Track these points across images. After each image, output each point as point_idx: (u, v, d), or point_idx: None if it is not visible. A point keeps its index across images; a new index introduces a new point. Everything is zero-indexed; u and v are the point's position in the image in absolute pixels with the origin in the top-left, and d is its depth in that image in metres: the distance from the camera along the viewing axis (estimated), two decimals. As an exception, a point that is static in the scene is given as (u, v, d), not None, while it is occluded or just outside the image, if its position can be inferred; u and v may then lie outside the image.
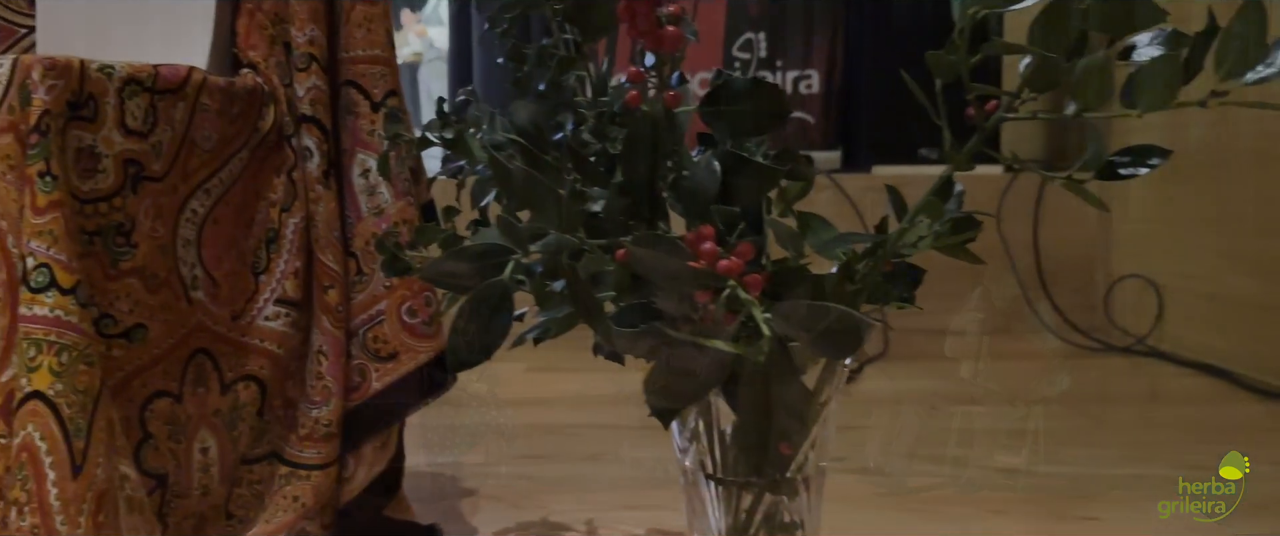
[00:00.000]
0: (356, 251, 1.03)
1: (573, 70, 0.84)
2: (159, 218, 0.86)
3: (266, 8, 0.99)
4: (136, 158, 0.83)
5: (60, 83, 0.77)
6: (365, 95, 1.02)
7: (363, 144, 1.02)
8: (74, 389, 0.74)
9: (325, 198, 0.99)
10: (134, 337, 0.84)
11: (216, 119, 0.91)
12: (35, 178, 0.75)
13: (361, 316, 1.03)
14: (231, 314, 0.95)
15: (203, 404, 0.93)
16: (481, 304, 0.59)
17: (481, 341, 0.60)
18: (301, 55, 0.98)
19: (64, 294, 0.74)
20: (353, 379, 1.04)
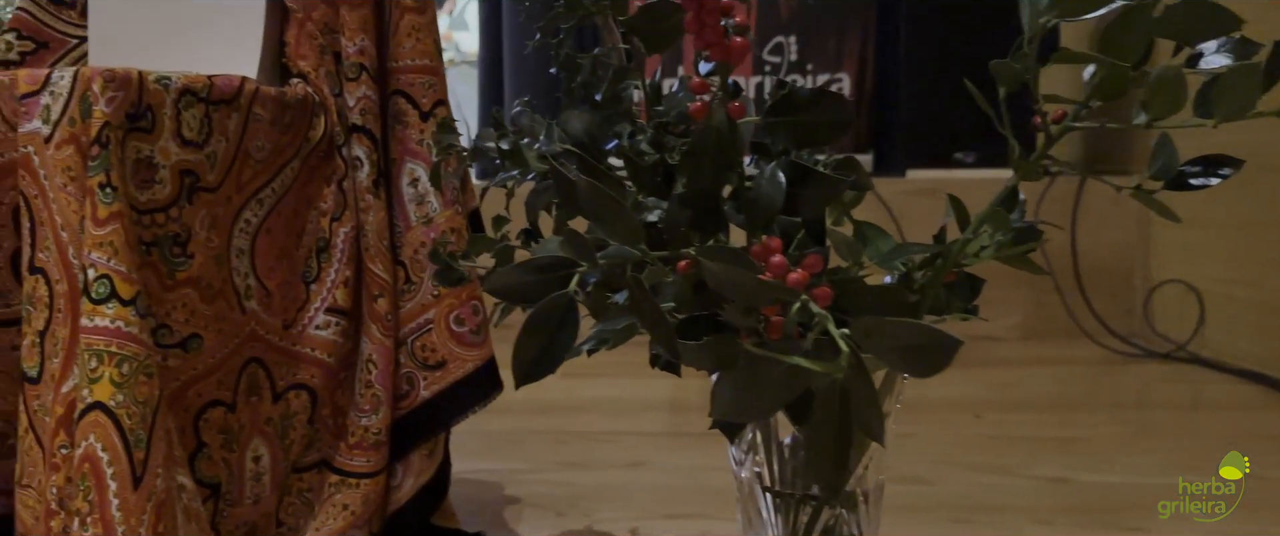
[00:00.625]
0: (405, 260, 1.03)
1: (628, 79, 0.84)
2: (214, 228, 0.86)
3: (316, 17, 0.99)
4: (192, 168, 0.83)
5: (120, 94, 0.77)
6: (414, 104, 1.02)
7: (412, 153, 1.03)
8: (134, 400, 0.74)
9: (375, 207, 0.99)
10: (189, 347, 0.84)
11: (269, 129, 0.92)
12: (96, 189, 0.75)
13: (410, 325, 1.03)
14: (283, 323, 0.96)
15: (255, 413, 0.93)
16: (546, 317, 0.59)
17: (547, 355, 0.60)
18: (351, 65, 0.98)
19: (124, 305, 0.75)
20: (401, 387, 1.04)
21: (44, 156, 0.78)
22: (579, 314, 0.61)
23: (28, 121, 0.78)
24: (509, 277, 0.63)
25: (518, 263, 0.63)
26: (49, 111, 0.78)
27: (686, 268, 0.62)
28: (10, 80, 0.79)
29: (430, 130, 1.03)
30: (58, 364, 0.77)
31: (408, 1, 1.01)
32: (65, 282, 0.77)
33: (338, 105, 0.99)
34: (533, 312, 0.60)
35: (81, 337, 0.74)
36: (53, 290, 0.78)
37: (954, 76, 2.79)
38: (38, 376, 0.78)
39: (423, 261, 1.03)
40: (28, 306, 0.79)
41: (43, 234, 0.78)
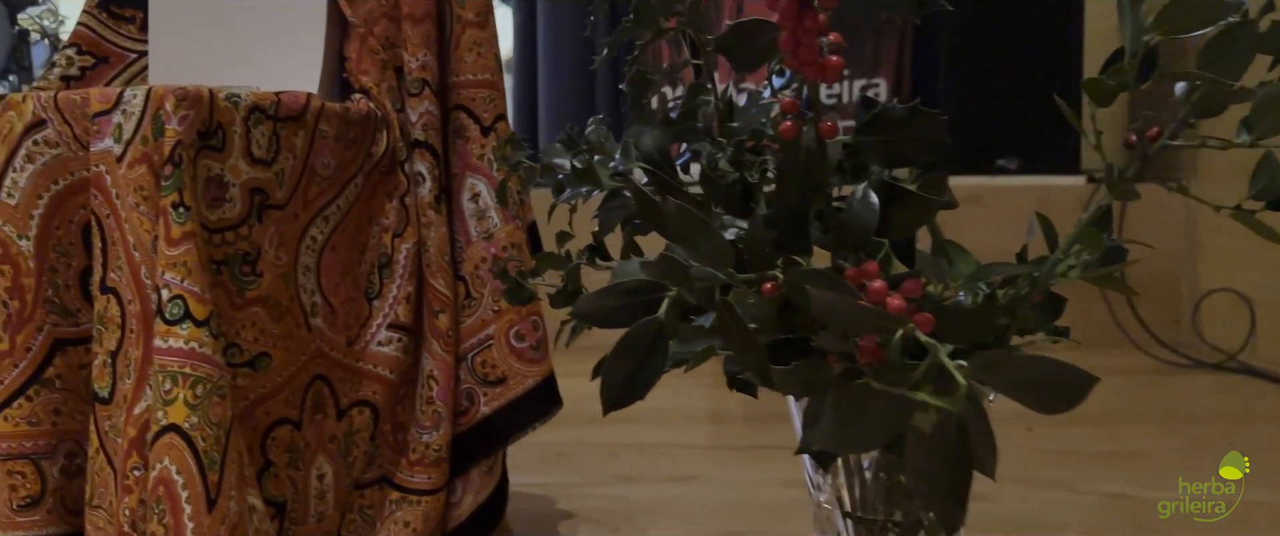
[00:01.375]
0: (466, 275, 1.02)
1: (702, 95, 0.83)
2: (282, 246, 0.86)
3: (378, 32, 0.99)
4: (261, 186, 0.83)
5: (192, 112, 0.77)
6: (475, 119, 1.01)
7: (473, 168, 1.02)
8: (208, 421, 0.74)
9: (437, 222, 0.99)
10: (258, 366, 0.84)
11: (334, 145, 0.91)
12: (169, 209, 0.75)
13: (470, 341, 1.02)
14: (347, 339, 0.95)
15: (320, 430, 0.92)
16: (637, 342, 0.58)
17: (637, 380, 0.59)
18: (414, 80, 0.98)
19: (198, 325, 0.74)
20: (461, 403, 1.03)
21: (116, 175, 0.77)
22: (668, 339, 0.60)
23: (99, 140, 0.78)
24: (597, 302, 0.62)
25: (605, 287, 0.62)
26: (121, 130, 0.78)
27: (772, 290, 0.61)
28: (82, 99, 0.79)
29: (491, 145, 1.02)
30: (130, 385, 0.76)
31: (469, 16, 1.01)
32: (137, 302, 0.77)
33: (400, 120, 0.98)
34: (623, 337, 0.59)
35: (155, 359, 0.74)
36: (125, 310, 0.77)
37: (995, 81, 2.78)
38: (109, 397, 0.78)
39: (484, 277, 1.02)
40: (98, 326, 0.79)
41: (114, 253, 0.78)
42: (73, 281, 0.82)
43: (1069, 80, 2.37)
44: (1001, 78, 2.45)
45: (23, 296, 0.80)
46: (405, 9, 0.98)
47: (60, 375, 0.82)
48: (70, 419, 0.84)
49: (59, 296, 0.82)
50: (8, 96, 0.82)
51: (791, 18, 0.55)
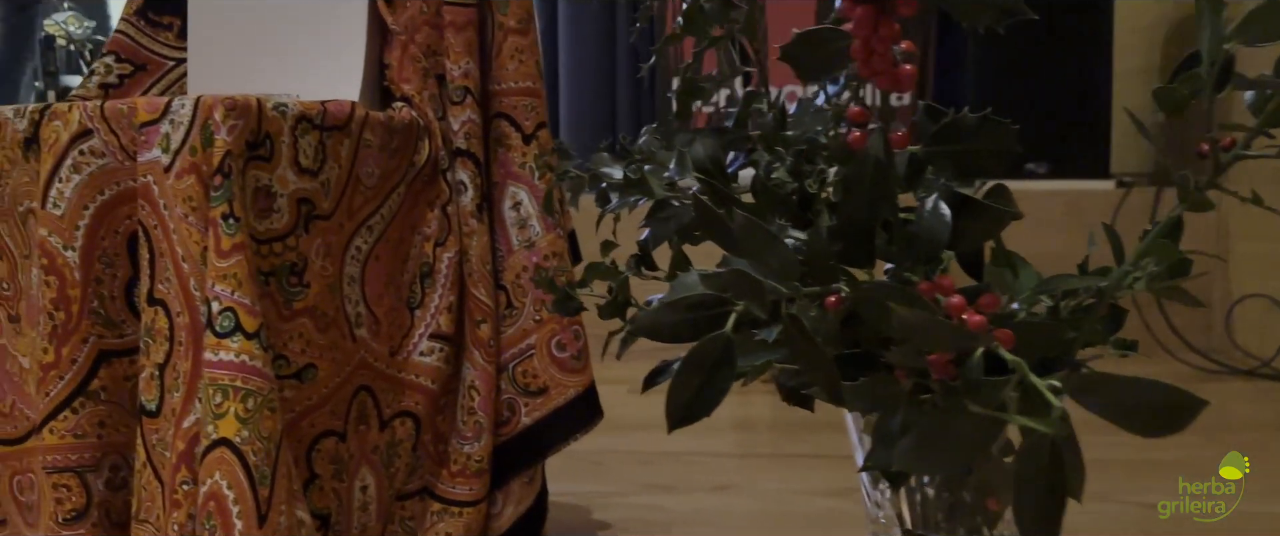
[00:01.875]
0: (507, 284, 1.01)
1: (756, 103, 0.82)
2: (328, 256, 0.85)
3: (419, 40, 0.98)
4: (308, 196, 0.82)
5: (241, 122, 0.76)
6: (516, 127, 1.00)
7: (514, 176, 1.01)
8: (259, 435, 0.73)
9: (479, 231, 0.98)
10: (305, 378, 0.83)
11: (378, 154, 0.90)
12: (219, 220, 0.74)
13: (511, 350, 1.01)
14: (390, 350, 0.94)
15: (364, 441, 0.92)
16: (703, 357, 0.57)
17: (703, 396, 0.58)
18: (457, 88, 0.97)
19: (249, 338, 0.73)
20: (502, 413, 1.02)
21: (164, 186, 0.77)
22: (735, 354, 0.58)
23: (147, 150, 0.77)
24: (659, 317, 0.61)
25: (668, 301, 0.60)
26: (168, 140, 0.77)
27: (837, 304, 0.60)
28: (129, 108, 0.79)
29: (533, 153, 1.01)
30: (179, 398, 0.76)
31: (511, 23, 1.00)
32: (186, 315, 0.76)
33: (441, 128, 0.97)
34: (690, 352, 0.58)
35: (205, 372, 0.73)
36: (173, 322, 0.77)
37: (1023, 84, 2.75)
38: (157, 410, 0.77)
39: (525, 286, 1.01)
40: (146, 338, 0.78)
41: (162, 264, 0.77)
42: (118, 292, 0.82)
43: (1098, 84, 2.35)
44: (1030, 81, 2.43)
45: (69, 308, 0.79)
46: (448, 16, 0.97)
47: (105, 387, 0.82)
48: (115, 431, 0.83)
49: (104, 307, 0.81)
50: (53, 106, 0.81)
51: (867, 26, 0.54)
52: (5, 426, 0.89)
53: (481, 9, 0.99)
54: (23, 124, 0.83)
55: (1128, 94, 2.36)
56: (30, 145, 0.82)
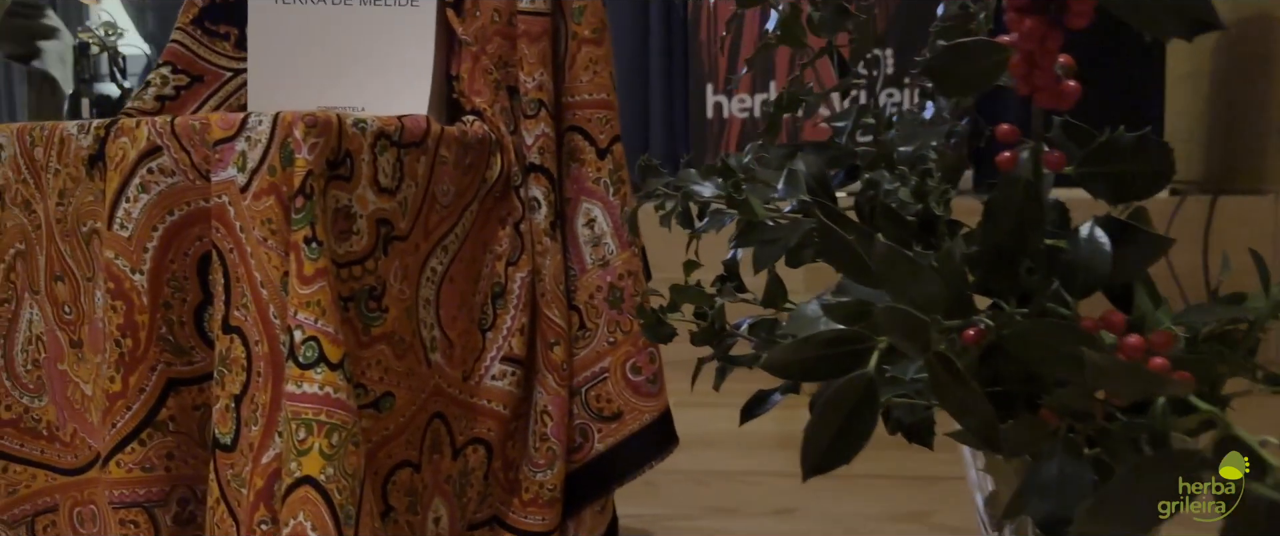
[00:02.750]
0: (579, 305, 0.97)
1: (867, 116, 0.77)
2: (405, 279, 0.81)
3: (491, 51, 0.94)
4: (387, 217, 0.78)
5: (321, 140, 0.72)
6: (591, 141, 0.96)
7: (588, 192, 0.97)
8: (344, 472, 0.69)
9: (552, 250, 0.93)
10: (382, 407, 0.79)
11: (453, 171, 0.86)
12: (301, 244, 0.70)
13: (584, 374, 0.97)
14: (463, 374, 0.90)
15: (437, 471, 0.87)
16: (842, 399, 0.53)
17: (843, 442, 0.53)
18: (530, 101, 0.93)
19: (333, 369, 0.69)
20: (574, 439, 0.98)
21: (240, 207, 0.73)
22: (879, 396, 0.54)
23: (221, 169, 0.73)
24: (792, 353, 0.57)
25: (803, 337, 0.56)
26: (245, 159, 0.73)
27: (977, 338, 0.55)
28: (201, 125, 0.75)
29: (608, 168, 0.97)
30: (257, 432, 0.72)
31: (585, 33, 0.95)
32: (265, 344, 0.72)
33: (514, 143, 0.93)
34: (829, 393, 0.53)
35: (287, 405, 0.69)
36: (251, 351, 0.72)
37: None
38: (232, 443, 0.73)
39: (599, 306, 0.97)
40: (221, 367, 0.74)
41: (239, 290, 0.73)
42: (187, 317, 0.78)
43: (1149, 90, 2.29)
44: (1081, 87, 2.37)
45: (136, 334, 0.75)
46: (521, 26, 0.93)
47: (174, 417, 0.78)
48: (183, 463, 0.79)
49: (173, 333, 0.77)
50: (120, 121, 0.77)
51: (1035, 38, 0.50)
52: (66, 456, 0.85)
53: (555, 18, 0.95)
54: (87, 140, 0.79)
55: (1179, 100, 2.30)
56: (95, 163, 0.78)
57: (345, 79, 0.97)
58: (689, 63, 2.98)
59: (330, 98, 0.96)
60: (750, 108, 2.91)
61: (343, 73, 0.97)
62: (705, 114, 2.95)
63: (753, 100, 2.93)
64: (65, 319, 0.83)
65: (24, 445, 0.86)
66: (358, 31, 0.96)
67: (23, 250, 0.84)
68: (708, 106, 2.93)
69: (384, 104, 0.95)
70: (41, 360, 0.85)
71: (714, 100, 2.93)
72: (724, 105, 2.92)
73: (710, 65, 2.94)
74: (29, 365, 0.86)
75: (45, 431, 0.86)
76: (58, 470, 0.86)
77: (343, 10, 0.96)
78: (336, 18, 0.96)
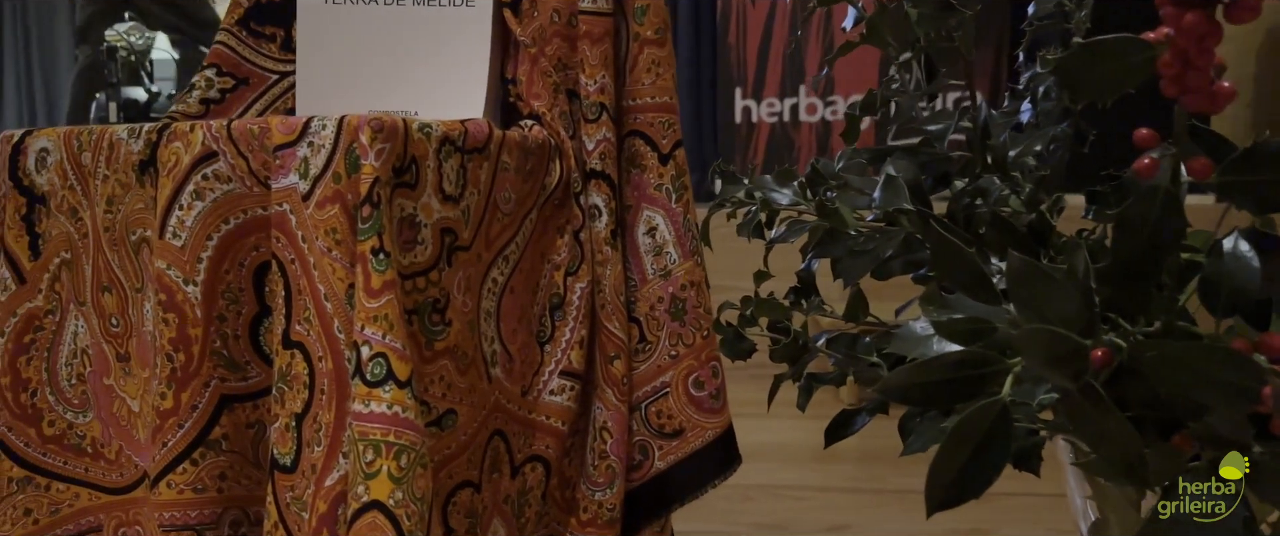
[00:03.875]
0: (640, 317, 0.93)
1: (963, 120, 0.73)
2: (468, 290, 0.77)
3: (550, 52, 0.90)
4: (451, 226, 0.74)
5: (387, 146, 0.68)
6: (653, 147, 0.92)
7: (649, 199, 0.93)
8: (413, 496, 0.65)
9: (613, 260, 0.90)
10: (444, 425, 0.75)
11: (514, 178, 0.82)
12: (368, 255, 0.66)
13: (645, 389, 0.93)
14: (521, 389, 0.86)
15: (496, 490, 0.84)
16: (972, 428, 0.49)
17: (972, 474, 0.49)
18: (592, 104, 0.89)
19: (401, 387, 0.65)
20: (634, 457, 0.94)
21: (302, 216, 0.69)
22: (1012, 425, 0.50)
23: (282, 176, 0.70)
24: (913, 377, 0.53)
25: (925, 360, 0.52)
26: (307, 165, 0.69)
27: (1106, 359, 0.51)
28: (260, 129, 0.71)
29: (670, 174, 0.93)
30: (320, 453, 0.68)
31: (648, 33, 0.92)
32: (329, 360, 0.68)
33: (574, 148, 0.89)
34: (958, 424, 0.49)
35: (355, 425, 0.65)
36: (314, 368, 0.69)
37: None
38: (293, 465, 0.69)
39: (660, 318, 0.93)
40: (281, 385, 0.70)
41: (301, 303, 0.69)
42: (242, 331, 0.74)
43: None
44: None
45: (189, 348, 0.72)
46: (583, 26, 0.89)
47: (227, 435, 0.74)
48: (236, 484, 0.75)
49: (227, 348, 0.73)
50: (174, 125, 0.74)
51: (1193, 35, 0.46)
52: (111, 473, 0.82)
53: (617, 18, 0.91)
54: (138, 145, 0.75)
55: (1224, 104, 2.25)
56: (146, 168, 0.75)
57: (397, 82, 0.93)
58: (717, 66, 2.94)
59: (382, 102, 0.92)
60: (779, 112, 2.87)
61: (395, 76, 0.93)
62: (733, 118, 2.91)
63: (781, 104, 2.89)
64: (112, 331, 0.79)
65: (67, 463, 0.82)
66: (410, 33, 0.92)
67: (68, 259, 0.81)
68: (736, 110, 2.89)
69: (438, 108, 0.91)
70: (86, 374, 0.82)
71: (742, 104, 2.89)
72: (753, 109, 2.88)
73: (738, 69, 2.90)
74: (73, 379, 0.82)
75: (89, 448, 0.82)
76: (102, 489, 0.82)
77: (395, 11, 0.92)
78: (388, 19, 0.93)
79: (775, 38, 2.85)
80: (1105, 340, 0.52)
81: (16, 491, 0.82)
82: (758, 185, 0.79)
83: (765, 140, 2.90)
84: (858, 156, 0.70)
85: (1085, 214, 0.75)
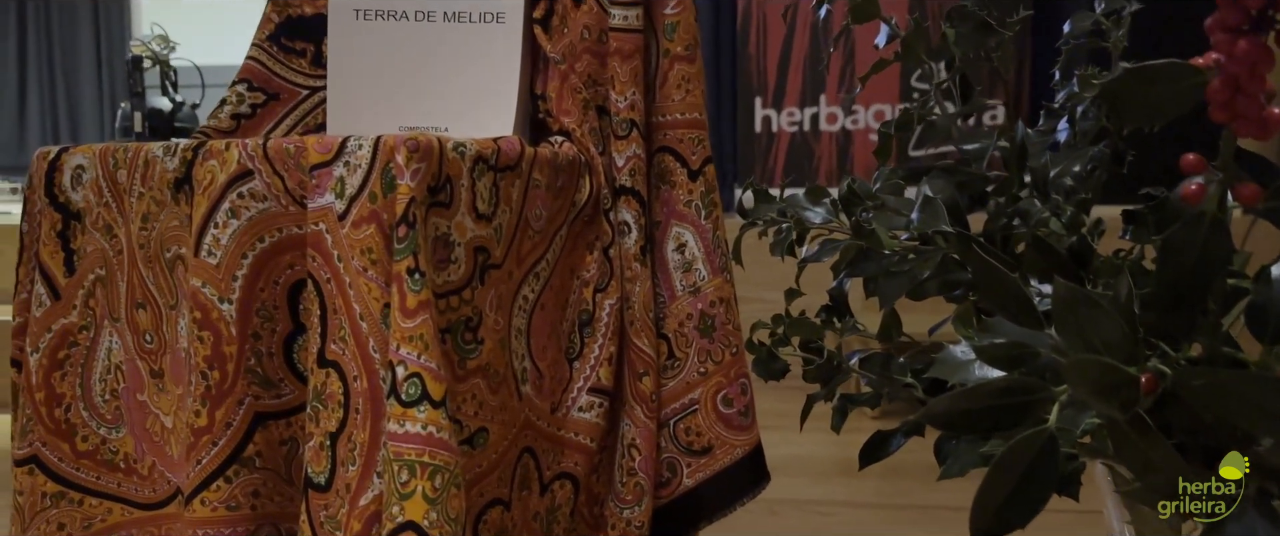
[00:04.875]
0: (669, 333, 0.93)
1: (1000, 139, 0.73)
2: (499, 308, 0.77)
3: (580, 69, 0.90)
4: (484, 244, 0.74)
5: (423, 166, 0.68)
6: (682, 163, 0.92)
7: (679, 216, 0.93)
8: (447, 516, 0.65)
9: (642, 276, 0.89)
10: (476, 443, 0.75)
11: (545, 195, 0.82)
12: (404, 275, 0.66)
13: (673, 405, 0.93)
14: (551, 406, 0.86)
15: (526, 508, 0.83)
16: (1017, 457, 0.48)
17: (1019, 503, 0.49)
18: (622, 121, 0.89)
19: (435, 407, 0.65)
20: (662, 474, 0.94)
21: (338, 235, 0.69)
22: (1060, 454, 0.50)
23: (318, 195, 0.70)
24: (958, 404, 0.52)
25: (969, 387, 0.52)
26: (343, 184, 0.69)
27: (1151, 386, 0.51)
28: (297, 148, 0.71)
29: (699, 190, 0.93)
30: (354, 472, 0.68)
31: (678, 49, 0.91)
32: (364, 379, 0.68)
33: (603, 164, 0.89)
34: (1004, 453, 0.49)
35: (389, 445, 0.65)
36: (349, 387, 0.69)
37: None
38: (327, 484, 0.70)
39: (689, 335, 0.93)
40: (315, 403, 0.70)
41: (336, 322, 0.69)
42: (276, 348, 0.74)
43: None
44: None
45: (224, 366, 0.72)
46: (614, 43, 0.89)
47: (261, 453, 0.74)
48: (268, 500, 0.75)
49: (261, 365, 0.74)
50: (209, 143, 0.74)
51: (1244, 62, 0.45)
52: (144, 489, 0.82)
53: (647, 34, 0.91)
54: (173, 163, 0.75)
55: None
56: (181, 186, 0.75)
57: (428, 98, 0.93)
58: (737, 75, 2.94)
59: (412, 117, 0.93)
60: (799, 121, 2.87)
61: (425, 91, 0.93)
62: (753, 127, 2.90)
63: (802, 113, 2.88)
64: (146, 348, 0.80)
65: (100, 478, 0.83)
66: (441, 49, 0.93)
67: (103, 276, 0.81)
68: (756, 120, 2.89)
69: (468, 123, 0.91)
70: (120, 390, 0.82)
71: (763, 113, 2.89)
72: (773, 118, 2.88)
73: (759, 78, 2.90)
74: (107, 395, 0.83)
75: (122, 464, 0.83)
76: (135, 504, 0.82)
77: (425, 27, 0.93)
78: (419, 35, 0.93)
79: (796, 47, 2.85)
80: (1150, 366, 0.52)
81: (50, 506, 0.82)
82: (790, 204, 0.78)
83: (785, 149, 2.89)
84: (894, 176, 0.70)
85: (1123, 233, 0.75)
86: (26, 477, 0.81)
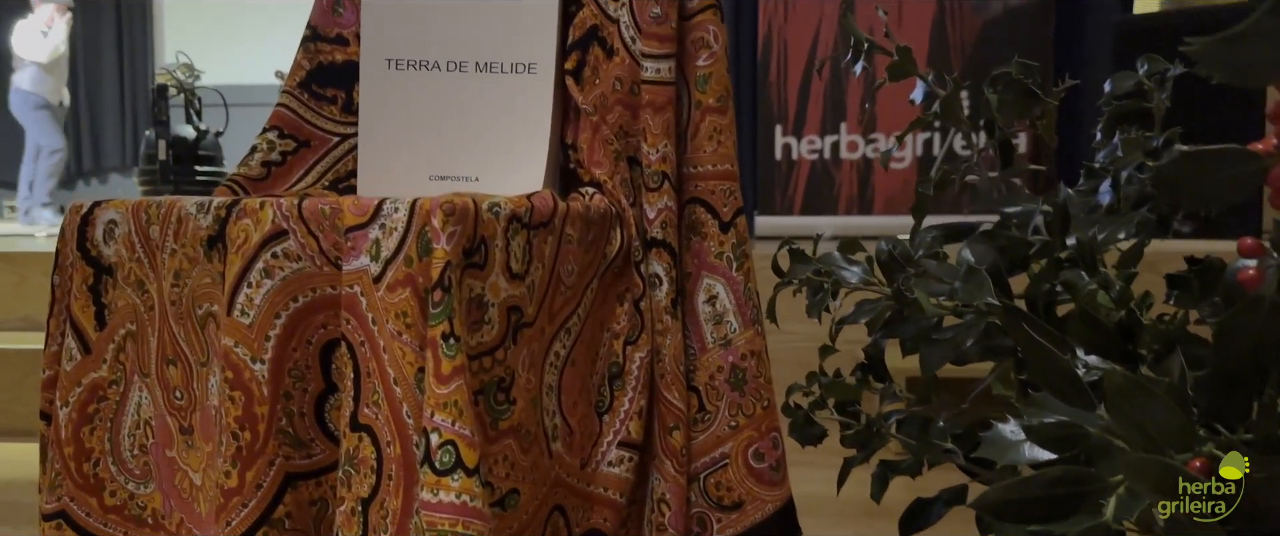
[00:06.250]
0: (699, 386, 0.92)
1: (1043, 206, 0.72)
2: (531, 367, 0.76)
3: (611, 120, 0.90)
4: (517, 303, 0.74)
5: (459, 229, 0.68)
6: (714, 214, 0.91)
7: (710, 268, 0.92)
8: (481, 586, 0.64)
9: (673, 329, 0.89)
10: (507, 505, 0.74)
11: (577, 250, 0.82)
12: (439, 340, 0.65)
13: (703, 459, 0.92)
14: (580, 462, 0.85)
15: (555, 568, 0.83)
16: (1073, 547, 0.47)
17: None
18: (654, 173, 0.88)
19: (469, 475, 0.65)
20: (692, 529, 0.92)
21: (372, 299, 0.69)
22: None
23: (354, 257, 0.70)
24: (1009, 494, 0.51)
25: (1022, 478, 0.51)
26: (378, 247, 0.69)
27: (1204, 470, 0.50)
28: (332, 209, 0.71)
29: (731, 242, 0.92)
30: (387, 538, 0.67)
31: (709, 101, 0.91)
32: (397, 445, 0.67)
33: (635, 216, 0.89)
34: (1056, 543, 0.48)
35: (423, 514, 0.64)
36: (382, 453, 0.68)
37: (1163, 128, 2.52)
38: (358, 548, 0.69)
39: (720, 387, 0.92)
40: (347, 467, 0.70)
41: (370, 386, 0.69)
42: (308, 408, 0.74)
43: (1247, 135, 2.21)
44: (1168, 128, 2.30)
45: (255, 427, 0.72)
46: (646, 96, 0.89)
47: (290, 514, 0.73)
48: (296, 561, 0.75)
49: (292, 425, 0.73)
50: (243, 202, 0.74)
51: (1309, 154, 0.44)
52: (171, 546, 0.82)
53: (679, 86, 0.91)
54: (207, 220, 0.75)
55: (1278, 149, 2.21)
56: (214, 243, 0.75)
57: (459, 148, 0.93)
58: (757, 103, 2.94)
59: (443, 167, 0.92)
60: (820, 149, 2.86)
61: (457, 142, 0.93)
62: (773, 155, 2.90)
63: (822, 141, 2.88)
64: (176, 404, 0.79)
65: (128, 533, 0.82)
66: (472, 100, 0.92)
67: (134, 331, 0.81)
68: (777, 148, 2.88)
69: (499, 174, 0.91)
70: (149, 445, 0.82)
71: (783, 141, 2.88)
72: (794, 146, 2.87)
73: (779, 106, 2.89)
74: (135, 450, 0.82)
75: (150, 519, 0.82)
76: (162, 559, 0.82)
77: (457, 77, 0.92)
78: (451, 85, 0.93)
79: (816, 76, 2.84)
80: (1204, 452, 0.51)
81: (78, 561, 0.81)
82: (825, 262, 0.78)
83: (806, 177, 2.88)
84: (932, 233, 0.69)
85: (1167, 298, 0.74)
86: (55, 532, 0.81)
